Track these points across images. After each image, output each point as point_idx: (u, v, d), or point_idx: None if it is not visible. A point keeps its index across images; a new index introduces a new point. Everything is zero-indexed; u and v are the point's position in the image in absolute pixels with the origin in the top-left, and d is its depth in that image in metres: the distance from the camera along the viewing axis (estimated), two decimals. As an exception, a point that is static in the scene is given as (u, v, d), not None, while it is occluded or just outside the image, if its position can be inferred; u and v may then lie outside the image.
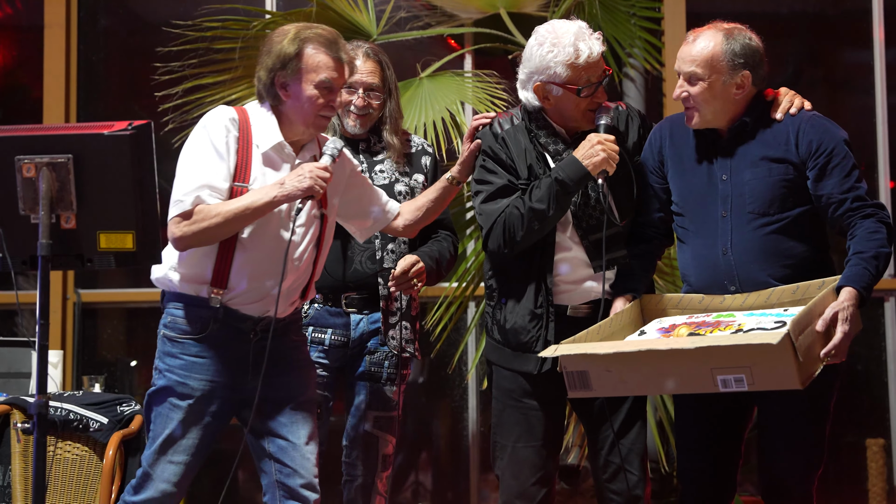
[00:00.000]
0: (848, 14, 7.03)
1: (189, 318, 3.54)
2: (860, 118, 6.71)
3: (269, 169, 3.55)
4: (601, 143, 3.65)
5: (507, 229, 3.73)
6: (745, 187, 3.60)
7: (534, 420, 3.81)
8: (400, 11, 6.18)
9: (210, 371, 3.54)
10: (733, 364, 3.24)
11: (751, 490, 5.82)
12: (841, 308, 3.36)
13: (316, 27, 3.58)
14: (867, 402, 6.61)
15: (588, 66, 3.71)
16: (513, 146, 3.83)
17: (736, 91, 3.60)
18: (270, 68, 3.53)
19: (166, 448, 3.53)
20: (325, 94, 3.52)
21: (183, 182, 3.48)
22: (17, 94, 7.13)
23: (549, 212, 3.69)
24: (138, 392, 6.66)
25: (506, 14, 5.92)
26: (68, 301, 6.46)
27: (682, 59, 3.61)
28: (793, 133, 3.58)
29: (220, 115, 3.54)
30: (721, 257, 3.62)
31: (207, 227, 3.42)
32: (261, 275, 3.52)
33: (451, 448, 6.74)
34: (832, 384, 3.59)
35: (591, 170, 3.65)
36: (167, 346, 3.58)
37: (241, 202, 3.43)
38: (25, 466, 4.60)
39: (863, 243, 3.47)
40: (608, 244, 3.73)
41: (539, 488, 3.81)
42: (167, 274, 3.57)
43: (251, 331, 3.55)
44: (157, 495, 3.53)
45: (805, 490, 3.61)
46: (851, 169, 3.54)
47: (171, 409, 3.54)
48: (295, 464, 3.58)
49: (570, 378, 3.45)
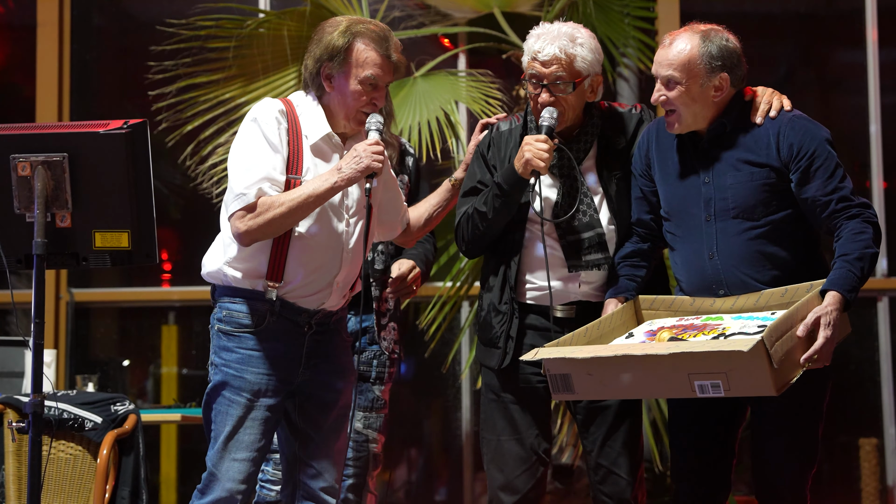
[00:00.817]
0: (841, 14, 7.05)
1: (246, 311, 3.50)
2: (853, 118, 6.73)
3: (319, 160, 3.52)
4: (528, 143, 3.67)
5: (462, 229, 3.84)
6: (728, 191, 3.58)
7: (514, 413, 3.83)
8: (394, 11, 6.18)
9: (266, 364, 3.49)
10: (710, 370, 3.23)
11: (745, 490, 5.83)
12: (824, 313, 3.32)
13: (369, 22, 3.54)
14: (860, 402, 6.62)
15: (534, 60, 3.73)
16: (500, 148, 3.87)
17: (714, 93, 3.57)
18: (318, 58, 3.50)
19: (229, 445, 3.46)
20: (369, 91, 3.49)
21: (241, 176, 3.43)
22: (9, 93, 7.12)
23: (489, 214, 3.74)
24: (130, 391, 6.66)
25: (500, 13, 5.93)
26: (61, 300, 6.45)
27: (659, 63, 3.59)
28: (773, 137, 3.55)
29: (269, 107, 3.50)
30: (708, 262, 3.61)
31: (273, 218, 3.38)
32: (316, 266, 3.50)
33: (445, 447, 6.74)
34: (825, 386, 3.58)
35: (520, 171, 3.68)
36: (222, 340, 3.52)
37: (302, 190, 3.40)
38: (19, 466, 4.59)
39: (847, 245, 3.43)
40: (588, 247, 3.77)
41: (526, 480, 3.82)
42: (221, 269, 3.52)
43: (306, 324, 3.53)
44: (226, 495, 3.45)
45: (798, 491, 3.60)
46: (835, 169, 3.50)
47: (229, 404, 3.48)
48: (321, 467, 3.56)
49: (554, 381, 3.46)
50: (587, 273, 3.78)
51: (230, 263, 3.51)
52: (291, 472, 3.60)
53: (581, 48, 3.75)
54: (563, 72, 3.73)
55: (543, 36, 3.75)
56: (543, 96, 3.74)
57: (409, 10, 6.29)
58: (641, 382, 3.36)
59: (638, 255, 3.78)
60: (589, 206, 3.79)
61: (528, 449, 3.83)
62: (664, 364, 3.26)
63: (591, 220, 3.78)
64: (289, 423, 3.60)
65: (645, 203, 3.77)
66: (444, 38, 6.48)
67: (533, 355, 3.48)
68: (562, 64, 3.73)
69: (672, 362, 3.25)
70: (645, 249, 3.78)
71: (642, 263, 3.77)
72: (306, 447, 3.58)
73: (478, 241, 3.82)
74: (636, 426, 3.86)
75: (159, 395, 6.75)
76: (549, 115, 3.71)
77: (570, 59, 3.73)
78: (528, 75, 3.76)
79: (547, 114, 3.71)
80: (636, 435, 3.86)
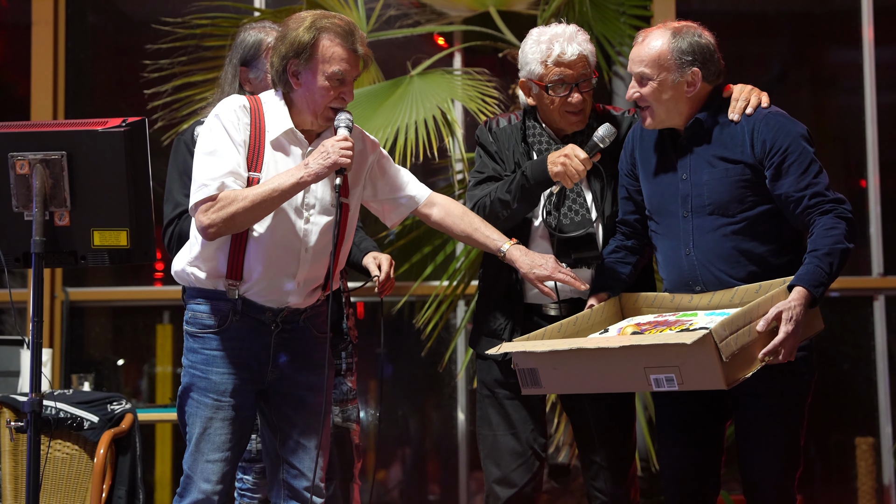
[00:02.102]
0: (836, 13, 7.06)
1: (209, 311, 3.48)
2: (849, 118, 6.74)
3: (280, 154, 3.47)
4: (567, 156, 3.67)
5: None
6: (704, 188, 3.59)
7: (509, 409, 3.86)
8: (389, 9, 6.18)
9: (231, 364, 3.48)
10: (662, 364, 3.24)
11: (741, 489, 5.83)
12: (786, 308, 3.31)
13: (333, 16, 3.50)
14: (856, 401, 6.63)
15: (558, 64, 3.75)
16: (503, 141, 3.91)
17: (687, 89, 3.58)
18: (284, 55, 3.45)
19: (201, 447, 3.46)
20: (337, 87, 3.44)
21: (205, 169, 3.39)
22: (4, 92, 7.11)
23: (512, 203, 3.75)
24: (125, 391, 6.65)
25: (495, 12, 5.93)
26: (56, 299, 6.43)
27: (632, 61, 3.62)
28: (748, 133, 3.55)
29: (231, 102, 3.48)
30: (685, 258, 3.62)
31: (236, 212, 3.33)
32: (275, 265, 3.47)
33: (441, 446, 6.74)
34: (807, 384, 3.57)
35: (550, 175, 3.69)
36: (189, 342, 3.52)
37: (268, 185, 3.36)
38: (16, 465, 4.58)
39: (818, 241, 3.41)
40: (578, 244, 3.79)
41: (522, 474, 3.84)
42: (185, 269, 3.51)
43: (272, 322, 3.51)
44: (202, 497, 3.45)
45: (783, 490, 3.60)
46: (809, 164, 3.49)
47: (197, 405, 3.48)
48: (303, 466, 3.55)
49: (522, 375, 3.48)
50: (577, 271, 3.80)
51: (193, 263, 3.48)
52: (275, 473, 3.59)
53: (589, 45, 3.83)
54: (587, 69, 3.80)
55: (557, 39, 3.77)
56: (576, 97, 3.78)
57: (405, 8, 6.29)
58: (601, 376, 3.38)
59: (621, 252, 3.79)
60: (581, 206, 3.82)
61: (524, 444, 3.86)
62: (617, 357, 3.29)
63: (583, 220, 3.80)
64: (267, 422, 3.59)
65: (630, 203, 3.79)
66: (439, 36, 6.48)
67: (497, 350, 3.51)
68: (586, 62, 3.79)
69: (624, 355, 3.27)
70: (629, 247, 3.80)
71: (626, 261, 3.78)
72: (286, 446, 3.56)
73: (497, 227, 3.76)
74: (629, 423, 3.90)
75: (154, 395, 6.74)
76: (608, 135, 3.71)
77: (588, 56, 3.81)
78: (553, 81, 3.76)
79: (604, 132, 3.70)
80: (629, 431, 3.90)
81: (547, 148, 3.85)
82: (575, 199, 3.82)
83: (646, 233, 3.77)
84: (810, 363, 3.56)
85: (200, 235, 3.41)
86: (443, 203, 3.73)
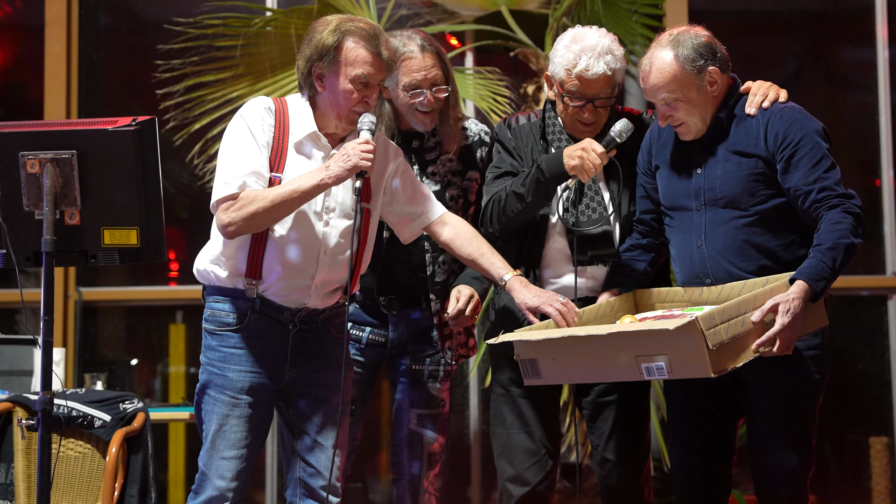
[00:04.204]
0: (850, 11, 7.03)
1: (228, 310, 3.52)
2: (862, 116, 6.71)
3: (302, 157, 3.51)
4: (584, 149, 3.66)
5: (492, 208, 3.81)
6: (717, 181, 3.59)
7: (523, 407, 3.87)
8: (401, 9, 6.18)
9: (248, 362, 3.51)
10: (652, 352, 3.25)
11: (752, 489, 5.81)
12: (784, 300, 3.30)
13: (358, 20, 3.52)
14: (871, 401, 6.61)
15: (580, 80, 3.73)
16: (521, 138, 3.91)
17: (711, 88, 3.58)
18: (308, 58, 3.49)
19: (216, 444, 3.49)
20: (361, 90, 3.46)
21: (227, 168, 3.45)
22: (17, 93, 7.13)
23: (527, 196, 3.74)
24: (138, 390, 6.66)
25: (507, 11, 5.92)
26: (69, 299, 6.45)
27: (650, 91, 3.59)
28: (762, 127, 3.56)
29: (256, 103, 3.52)
30: (696, 251, 3.62)
31: (256, 211, 3.37)
32: (293, 266, 3.49)
33: (453, 445, 6.72)
34: (819, 384, 3.57)
35: (567, 169, 3.67)
36: (207, 339, 3.56)
37: (288, 186, 3.39)
38: (28, 464, 4.59)
39: (822, 235, 3.41)
40: (595, 241, 3.79)
41: (535, 473, 3.85)
42: (206, 267, 3.55)
43: (290, 322, 3.53)
44: (216, 494, 3.48)
45: (795, 489, 3.59)
46: (820, 159, 3.48)
47: (213, 402, 3.51)
48: (320, 465, 3.57)
49: (524, 366, 3.51)
50: (593, 268, 3.79)
51: (215, 261, 3.53)
52: (293, 472, 3.61)
53: (619, 62, 3.76)
54: (608, 88, 3.75)
55: (587, 52, 3.72)
56: (587, 115, 3.76)
57: (416, 8, 6.29)
58: (596, 366, 3.40)
59: (636, 250, 3.79)
60: (599, 204, 3.81)
61: (538, 442, 3.86)
62: (608, 346, 3.30)
63: (600, 217, 3.79)
64: (285, 421, 3.61)
65: (647, 201, 3.80)
66: (451, 36, 6.48)
67: (497, 340, 3.53)
68: (609, 81, 3.75)
69: (614, 343, 3.29)
70: (644, 245, 3.80)
71: (641, 258, 3.79)
72: (302, 444, 3.59)
73: (511, 222, 3.79)
74: (643, 421, 3.90)
75: (167, 394, 6.75)
76: (625, 129, 3.70)
77: (613, 75, 3.76)
78: (571, 92, 3.74)
79: (621, 126, 3.69)
80: (643, 429, 3.89)
81: (560, 146, 3.85)
82: (592, 198, 3.82)
83: (662, 231, 3.78)
84: (822, 363, 3.55)
85: (220, 233, 3.46)
86: (455, 223, 3.73)
